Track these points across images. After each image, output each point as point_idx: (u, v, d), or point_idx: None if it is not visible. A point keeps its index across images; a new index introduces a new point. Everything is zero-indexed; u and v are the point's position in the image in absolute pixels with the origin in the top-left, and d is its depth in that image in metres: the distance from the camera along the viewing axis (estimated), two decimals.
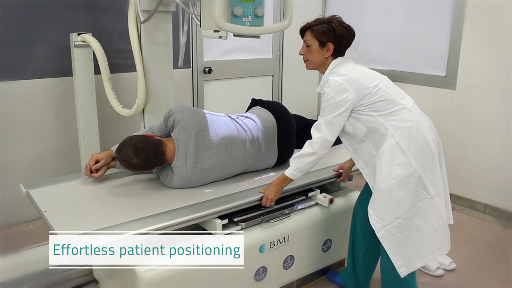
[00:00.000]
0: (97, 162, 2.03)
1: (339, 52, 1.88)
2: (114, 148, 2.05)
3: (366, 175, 1.91)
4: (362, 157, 1.90)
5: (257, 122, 2.22)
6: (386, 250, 1.82)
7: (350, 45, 1.91)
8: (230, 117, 2.22)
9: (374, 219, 1.82)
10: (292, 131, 2.32)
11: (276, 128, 2.26)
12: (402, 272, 1.81)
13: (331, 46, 1.85)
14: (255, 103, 2.49)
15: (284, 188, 1.98)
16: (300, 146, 1.92)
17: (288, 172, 1.90)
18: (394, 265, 1.82)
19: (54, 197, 1.91)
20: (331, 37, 1.84)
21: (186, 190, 2.00)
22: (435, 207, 1.79)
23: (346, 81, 1.79)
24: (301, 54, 1.93)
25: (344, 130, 1.87)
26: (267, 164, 2.28)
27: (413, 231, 1.78)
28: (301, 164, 1.87)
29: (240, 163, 2.14)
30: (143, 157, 1.89)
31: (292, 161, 1.90)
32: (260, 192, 1.97)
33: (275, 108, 2.35)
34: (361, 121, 1.82)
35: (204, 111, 2.15)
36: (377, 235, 1.82)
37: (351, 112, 1.82)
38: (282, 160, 2.30)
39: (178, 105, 2.10)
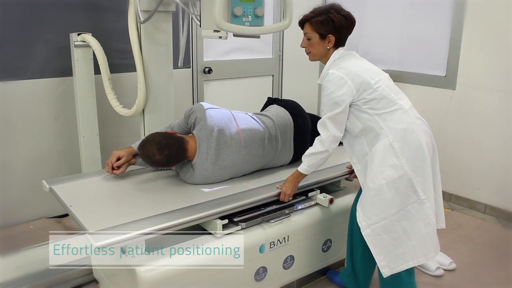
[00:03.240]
0: (118, 159, 2.08)
1: (340, 42, 1.87)
2: (134, 145, 2.11)
3: (357, 170, 1.92)
4: (356, 153, 1.91)
5: (274, 120, 2.25)
6: (371, 249, 1.83)
7: (351, 33, 1.89)
8: (249, 114, 2.24)
9: (361, 217, 1.84)
10: (307, 129, 2.35)
11: (293, 126, 2.28)
12: (385, 272, 1.81)
13: (332, 38, 1.84)
14: (271, 101, 2.51)
15: None
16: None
17: (302, 168, 1.94)
18: (378, 264, 1.82)
19: (77, 193, 1.97)
20: (331, 28, 1.83)
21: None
22: (424, 212, 1.78)
23: (347, 74, 1.78)
24: (303, 47, 1.93)
25: None
26: (283, 161, 2.31)
27: (400, 234, 1.78)
28: (314, 161, 1.90)
29: (259, 160, 2.18)
30: (166, 154, 1.94)
31: (305, 158, 1.93)
32: (277, 188, 2.02)
33: (291, 106, 2.37)
34: (359, 118, 1.82)
35: (224, 109, 2.18)
36: (362, 233, 1.83)
37: (349, 106, 1.82)
38: (298, 157, 2.31)
39: (199, 103, 2.15)
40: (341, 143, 1.96)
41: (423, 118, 1.87)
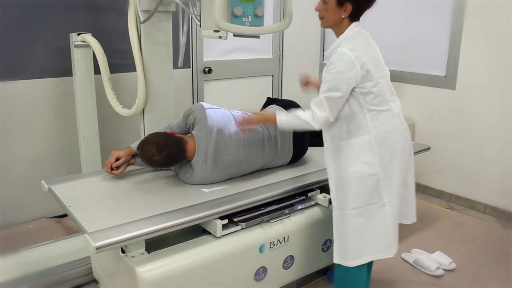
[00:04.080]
0: (117, 159, 2.08)
1: (357, 14, 1.77)
2: (133, 146, 2.12)
3: (327, 148, 1.88)
4: (332, 132, 1.85)
5: None
6: (333, 230, 1.87)
7: (369, 8, 1.80)
8: (248, 115, 2.23)
9: (333, 197, 1.88)
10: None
11: None
12: (335, 259, 1.86)
13: (349, 7, 1.73)
14: (270, 101, 2.51)
15: (284, 189, 2.03)
16: (312, 145, 1.90)
17: (279, 120, 1.84)
18: (334, 248, 1.87)
19: (76, 193, 1.97)
20: None
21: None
22: (383, 216, 1.79)
23: (358, 59, 1.69)
24: (317, 11, 1.82)
25: None
26: (282, 162, 2.31)
27: (357, 229, 1.80)
28: (296, 126, 1.83)
29: (258, 160, 2.18)
30: (165, 154, 1.94)
31: (291, 115, 1.82)
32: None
33: (291, 106, 2.36)
34: (350, 104, 1.77)
35: (223, 109, 2.18)
36: (333, 213, 1.87)
37: None
38: (297, 158, 2.34)
39: (198, 103, 2.15)
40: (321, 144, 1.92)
41: (406, 123, 1.88)
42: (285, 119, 1.84)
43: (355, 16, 1.78)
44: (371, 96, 1.75)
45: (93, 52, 2.48)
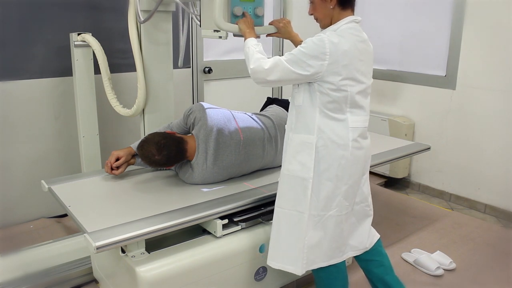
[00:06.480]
0: (117, 159, 2.08)
1: (346, 2, 1.66)
2: (133, 145, 2.12)
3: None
4: (288, 121, 1.79)
5: (274, 121, 2.25)
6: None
7: None
8: (248, 115, 2.24)
9: None
10: None
11: None
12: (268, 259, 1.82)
13: None
14: (271, 101, 2.51)
15: None
16: None
17: (247, 41, 1.76)
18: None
19: (76, 193, 1.97)
20: None
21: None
22: (301, 225, 1.71)
23: (331, 54, 1.57)
24: (310, 14, 1.75)
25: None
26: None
27: (275, 230, 1.78)
28: (246, 53, 1.74)
29: (258, 160, 2.18)
30: (165, 154, 1.94)
31: (253, 47, 1.73)
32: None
33: None
34: (304, 96, 1.68)
35: (223, 109, 2.18)
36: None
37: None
38: None
39: (198, 103, 2.14)
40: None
41: (366, 147, 1.74)
42: (248, 45, 1.74)
43: (344, 4, 1.66)
44: (327, 98, 1.63)
45: (93, 52, 2.48)
